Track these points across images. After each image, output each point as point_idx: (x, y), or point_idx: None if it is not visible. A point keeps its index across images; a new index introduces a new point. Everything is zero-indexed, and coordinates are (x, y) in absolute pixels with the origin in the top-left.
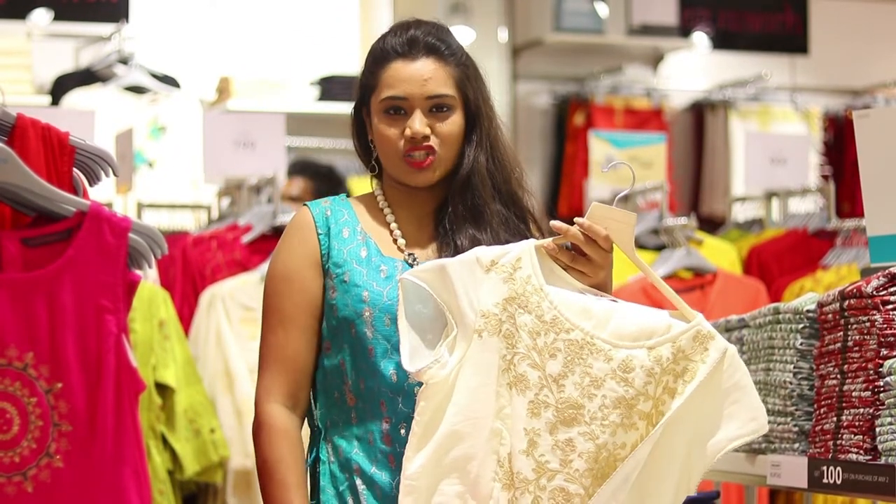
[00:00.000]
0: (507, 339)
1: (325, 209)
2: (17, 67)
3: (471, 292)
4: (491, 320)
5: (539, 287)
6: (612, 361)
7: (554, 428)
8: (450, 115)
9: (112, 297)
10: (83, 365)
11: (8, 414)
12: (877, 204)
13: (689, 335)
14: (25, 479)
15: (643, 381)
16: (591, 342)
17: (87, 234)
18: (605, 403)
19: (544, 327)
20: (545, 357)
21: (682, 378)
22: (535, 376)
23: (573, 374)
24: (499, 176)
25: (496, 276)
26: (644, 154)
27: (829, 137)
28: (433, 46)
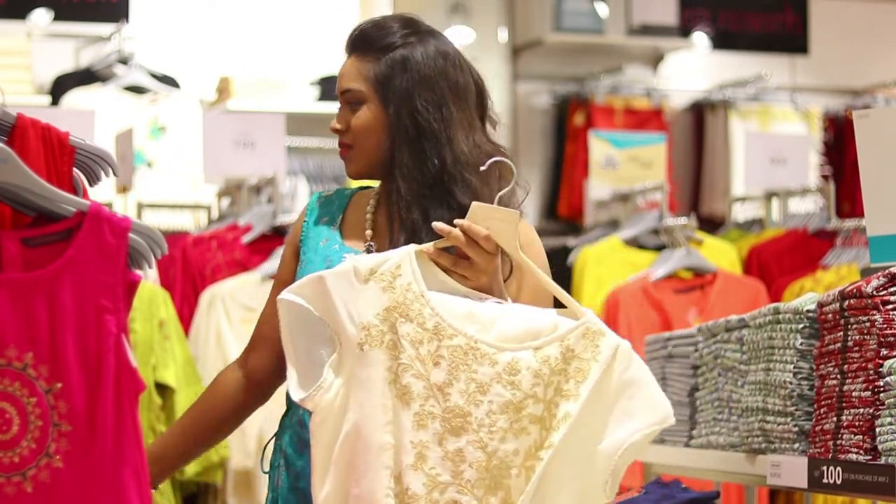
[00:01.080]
0: (390, 351)
1: (323, 199)
2: (17, 67)
3: (350, 305)
4: (372, 332)
5: (420, 294)
6: (496, 365)
7: (442, 439)
8: (359, 108)
9: (112, 297)
10: (83, 365)
11: (7, 414)
12: (877, 204)
13: (577, 333)
14: (25, 480)
15: (530, 384)
16: (475, 347)
17: (87, 234)
18: (492, 409)
19: (427, 335)
20: (429, 366)
21: (575, 378)
22: (419, 387)
23: (458, 382)
24: (413, 164)
25: (375, 285)
26: (644, 154)
27: (829, 137)
28: (356, 44)
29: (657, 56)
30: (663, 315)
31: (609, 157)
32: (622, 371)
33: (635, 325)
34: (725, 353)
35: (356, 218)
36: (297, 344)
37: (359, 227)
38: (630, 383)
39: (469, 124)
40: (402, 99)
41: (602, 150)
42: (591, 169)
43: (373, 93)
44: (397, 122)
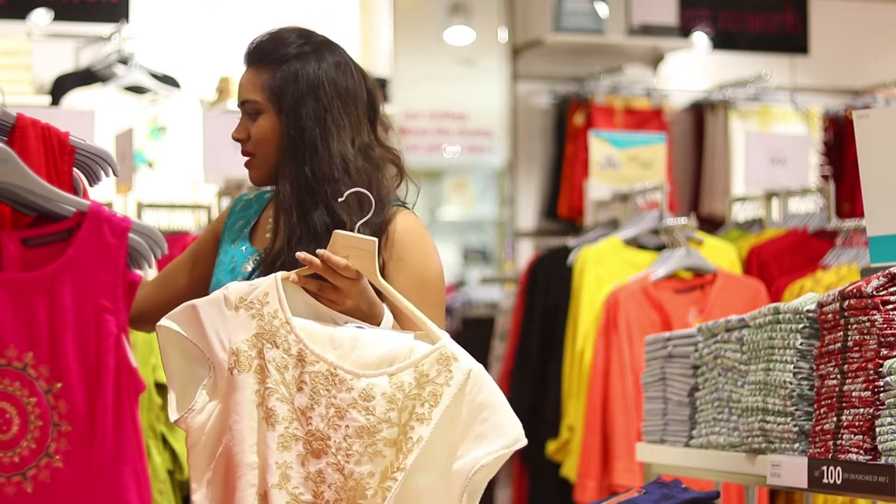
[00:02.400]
0: (257, 375)
1: (244, 202)
2: (17, 67)
3: (220, 331)
4: (241, 357)
5: (286, 321)
6: (353, 391)
7: (305, 460)
8: (257, 118)
9: (112, 297)
10: (83, 365)
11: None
12: (877, 204)
13: (432, 358)
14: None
15: (385, 409)
16: (334, 373)
17: (87, 234)
18: (349, 433)
19: (291, 361)
20: (293, 390)
21: (429, 403)
22: (284, 410)
23: (319, 406)
24: (302, 168)
25: (245, 312)
26: (644, 154)
27: (829, 137)
28: (253, 56)
29: (657, 56)
30: (663, 315)
31: (609, 157)
32: (475, 395)
33: (635, 325)
34: (725, 353)
35: (265, 222)
36: (175, 367)
37: (264, 231)
38: (482, 407)
39: (356, 130)
40: (290, 109)
41: (602, 150)
42: (591, 169)
43: (268, 103)
44: (284, 131)
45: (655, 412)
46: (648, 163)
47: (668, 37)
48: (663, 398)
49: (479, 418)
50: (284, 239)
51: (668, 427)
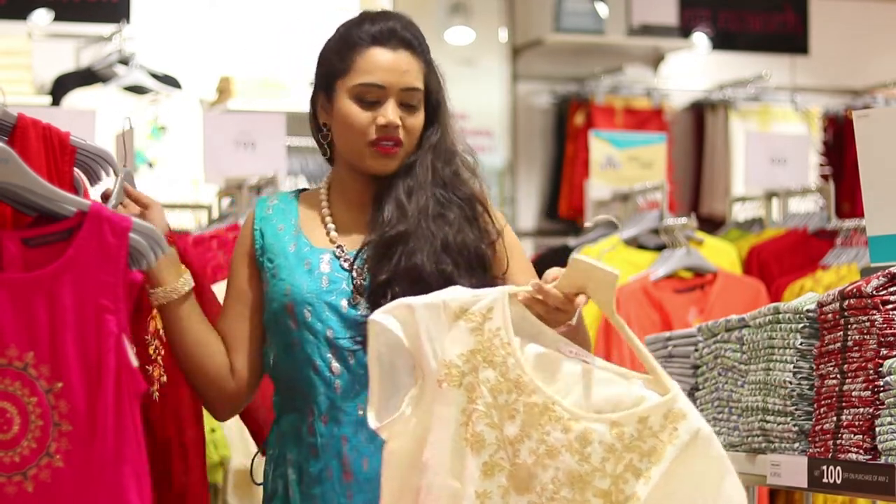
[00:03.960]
0: (468, 393)
1: (268, 206)
2: (18, 67)
3: (435, 339)
4: (453, 371)
5: (507, 342)
6: (569, 433)
7: (506, 493)
8: (418, 109)
9: (112, 297)
10: (83, 365)
11: (8, 413)
12: (877, 204)
13: (659, 412)
14: (26, 479)
15: (601, 458)
16: (551, 408)
17: (88, 233)
18: (558, 476)
19: (507, 385)
20: (504, 417)
21: (649, 458)
22: (492, 436)
23: (529, 440)
24: (441, 165)
25: (464, 325)
26: (644, 154)
27: (829, 137)
28: (408, 41)
29: (657, 56)
30: (663, 315)
31: (609, 157)
32: (698, 458)
33: (635, 325)
34: (725, 353)
35: (310, 219)
36: (382, 371)
37: (317, 229)
38: (704, 473)
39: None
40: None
41: (602, 150)
42: (591, 169)
43: (423, 94)
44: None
45: None
46: (648, 163)
47: (668, 37)
48: None
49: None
50: (410, 220)
51: None
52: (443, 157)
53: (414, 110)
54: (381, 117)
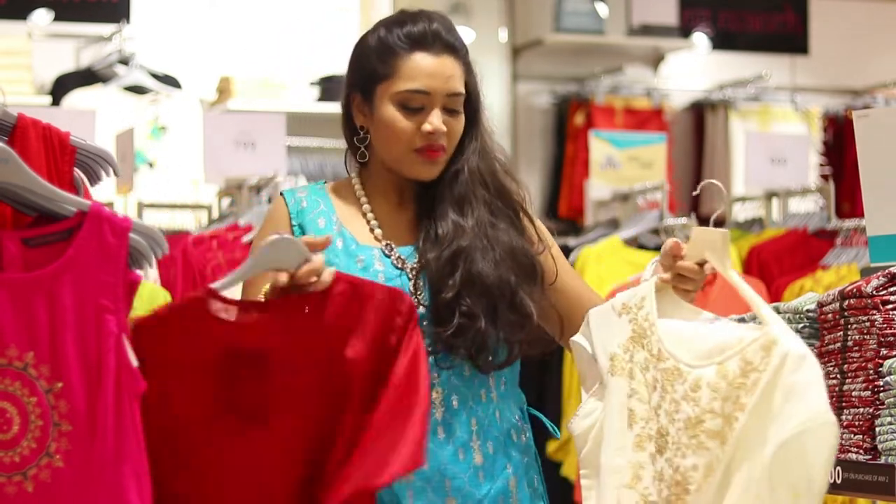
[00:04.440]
0: (628, 378)
1: (301, 199)
2: (18, 67)
3: (605, 337)
4: (616, 361)
5: (653, 322)
6: (685, 383)
7: (654, 458)
8: (460, 113)
9: (112, 297)
10: (83, 365)
11: (8, 414)
12: (877, 204)
13: (756, 345)
14: (25, 479)
15: (709, 398)
16: (677, 368)
17: (88, 234)
18: (680, 427)
19: (652, 361)
20: (650, 390)
21: (751, 391)
22: (642, 410)
23: (665, 402)
24: (486, 169)
25: (625, 317)
26: (644, 154)
27: (829, 137)
28: (451, 44)
29: (657, 56)
30: None
31: (609, 157)
32: (788, 376)
33: None
34: None
35: (350, 215)
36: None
37: (358, 225)
38: (793, 388)
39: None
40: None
41: (602, 150)
42: (591, 169)
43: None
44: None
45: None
46: (648, 163)
47: (668, 37)
48: None
49: (788, 400)
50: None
51: None
52: (485, 160)
53: (457, 114)
54: (426, 125)
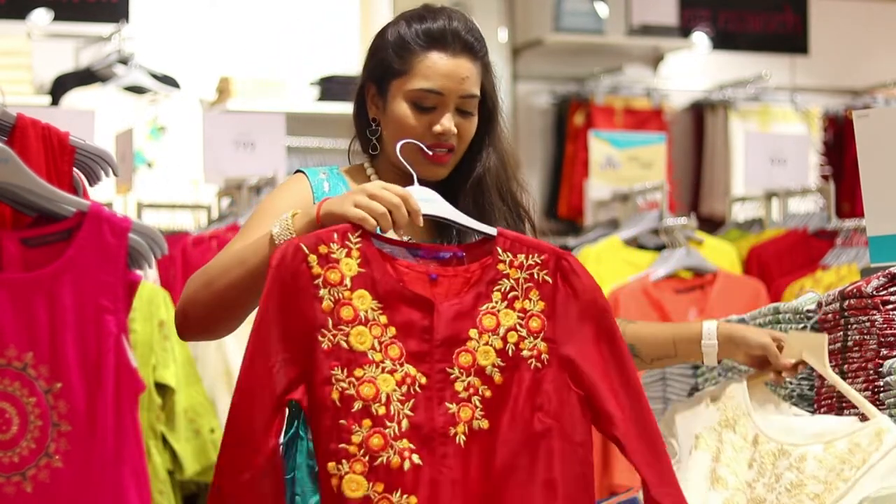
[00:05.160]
0: (713, 453)
1: (323, 181)
2: (17, 67)
3: (689, 423)
4: (702, 439)
5: (746, 412)
6: (790, 457)
7: None
8: (473, 114)
9: (112, 297)
10: (83, 365)
11: (7, 414)
12: (877, 204)
13: (867, 431)
14: (25, 480)
15: (814, 467)
16: (781, 448)
17: (87, 234)
18: (780, 491)
19: (746, 444)
20: (744, 467)
21: (857, 466)
22: (732, 479)
23: (764, 477)
24: (503, 175)
25: (713, 406)
26: (644, 154)
27: (829, 137)
28: (470, 44)
29: (657, 56)
30: (663, 315)
31: (609, 157)
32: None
33: None
34: None
35: None
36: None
37: None
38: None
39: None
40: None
41: (602, 150)
42: (591, 169)
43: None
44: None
45: (655, 412)
46: (648, 163)
47: (668, 37)
48: (663, 398)
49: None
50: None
51: None
52: (503, 166)
53: (470, 116)
54: (437, 125)
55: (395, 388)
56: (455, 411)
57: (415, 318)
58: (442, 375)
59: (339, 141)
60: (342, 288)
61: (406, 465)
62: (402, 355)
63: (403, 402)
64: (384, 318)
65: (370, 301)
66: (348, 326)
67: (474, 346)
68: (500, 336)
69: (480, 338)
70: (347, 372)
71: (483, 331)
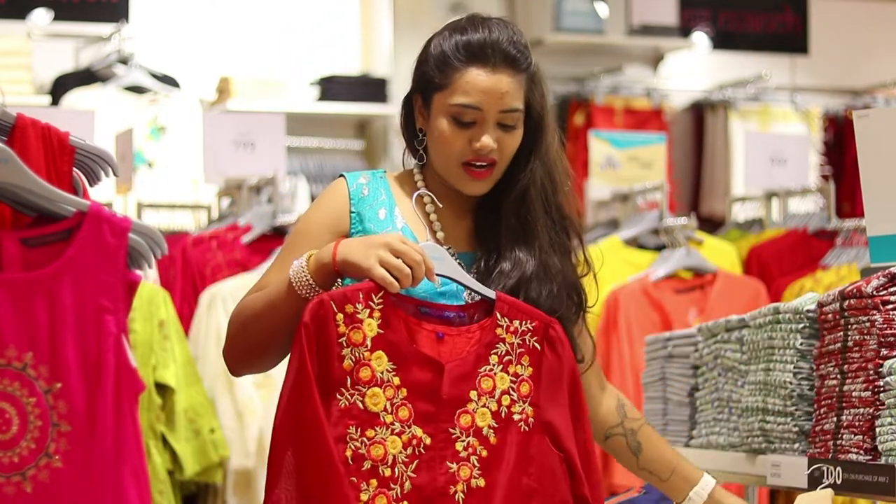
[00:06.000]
0: None
1: (363, 186)
2: (17, 67)
3: None
4: None
5: None
6: None
7: None
8: (516, 128)
9: (112, 297)
10: (83, 365)
11: (7, 414)
12: (877, 204)
13: None
14: (24, 480)
15: None
16: None
17: (87, 234)
18: None
19: None
20: None
21: None
22: None
23: None
24: (550, 187)
25: None
26: (644, 154)
27: (829, 137)
28: (513, 58)
29: (657, 56)
30: (663, 315)
31: (609, 157)
32: None
33: (635, 325)
34: (725, 353)
35: (411, 212)
36: None
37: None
38: None
39: None
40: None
41: (602, 150)
42: (591, 169)
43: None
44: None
45: (655, 412)
46: (648, 163)
47: (668, 37)
48: (663, 398)
49: None
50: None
51: (668, 427)
52: (550, 178)
53: (511, 130)
54: (475, 141)
55: (400, 451)
56: (455, 470)
57: (425, 380)
58: (445, 435)
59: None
60: (363, 349)
61: None
62: (411, 416)
63: (407, 463)
64: (397, 379)
65: (386, 362)
66: (365, 387)
67: (473, 408)
68: (495, 399)
69: (479, 399)
70: (360, 431)
71: (482, 393)
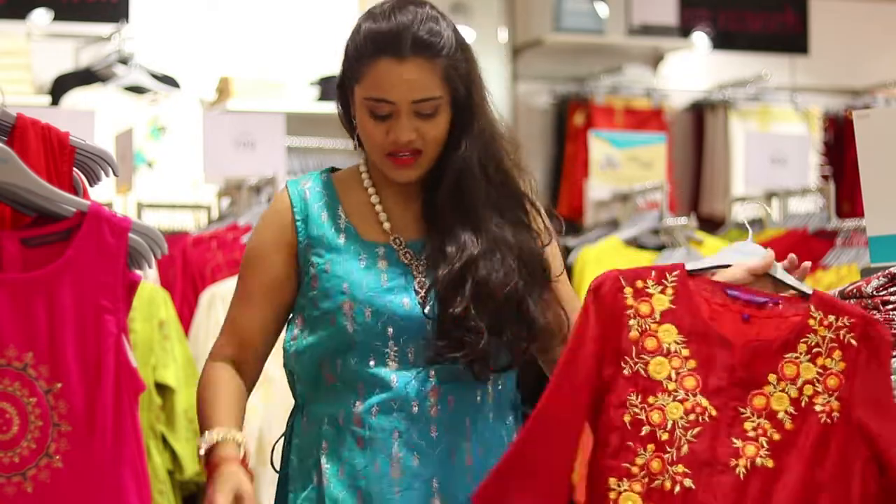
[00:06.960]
0: None
1: (304, 190)
2: (17, 67)
3: None
4: None
5: None
6: None
7: None
8: (436, 116)
9: (112, 297)
10: (83, 365)
11: (7, 414)
12: (877, 204)
13: None
14: (25, 480)
15: None
16: None
17: (87, 234)
18: None
19: None
20: None
21: None
22: None
23: None
24: (491, 164)
25: None
26: (644, 154)
27: (829, 137)
28: (422, 43)
29: (657, 56)
30: None
31: (609, 157)
32: None
33: None
34: None
35: (356, 207)
36: None
37: (365, 218)
38: None
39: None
40: (472, 96)
41: (602, 150)
42: (591, 169)
43: (446, 95)
44: (469, 123)
45: None
46: (648, 163)
47: (668, 37)
48: None
49: None
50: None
51: None
52: (488, 150)
53: (431, 117)
54: (391, 133)
55: (682, 416)
56: (740, 447)
57: (717, 355)
58: (734, 413)
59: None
60: (650, 320)
61: (677, 489)
62: (698, 386)
63: (688, 428)
64: (686, 351)
65: (675, 335)
66: (650, 356)
67: (770, 391)
68: (797, 386)
69: (778, 384)
70: (641, 398)
71: (782, 378)
